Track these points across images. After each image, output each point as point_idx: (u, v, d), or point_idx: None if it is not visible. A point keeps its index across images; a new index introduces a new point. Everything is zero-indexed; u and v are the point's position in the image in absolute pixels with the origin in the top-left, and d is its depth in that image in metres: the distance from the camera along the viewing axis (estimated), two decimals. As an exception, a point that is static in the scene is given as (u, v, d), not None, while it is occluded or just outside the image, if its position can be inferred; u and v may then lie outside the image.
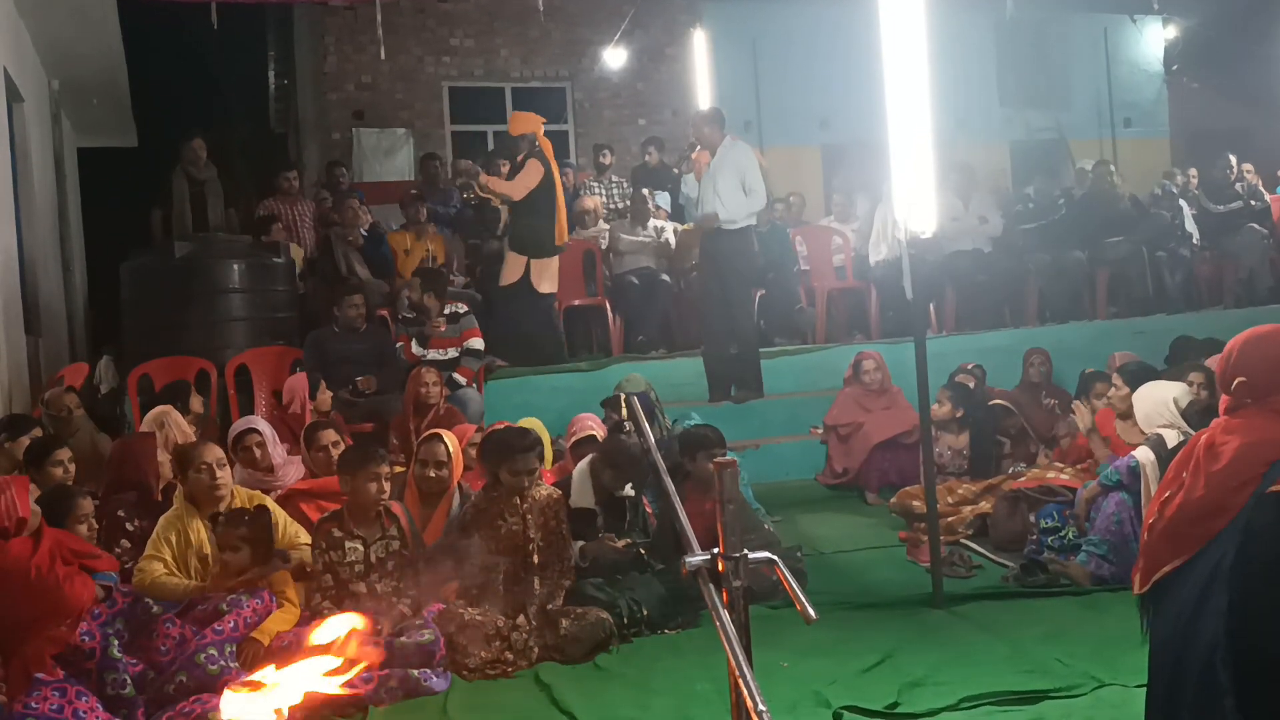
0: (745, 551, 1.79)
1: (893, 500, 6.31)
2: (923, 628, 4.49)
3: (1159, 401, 5.02)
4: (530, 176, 7.58)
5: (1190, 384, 5.31)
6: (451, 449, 5.04)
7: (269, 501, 4.76)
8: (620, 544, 4.83)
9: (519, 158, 7.77)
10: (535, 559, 4.53)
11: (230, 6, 8.35)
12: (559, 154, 12.37)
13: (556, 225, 7.72)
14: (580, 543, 4.81)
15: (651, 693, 3.97)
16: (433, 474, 4.97)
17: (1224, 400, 2.77)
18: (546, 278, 7.72)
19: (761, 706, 1.52)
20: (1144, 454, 4.94)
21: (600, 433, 5.76)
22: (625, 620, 4.51)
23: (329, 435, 5.38)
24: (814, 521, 6.42)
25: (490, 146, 12.04)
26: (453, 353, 7.10)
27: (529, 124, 7.83)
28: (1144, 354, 6.92)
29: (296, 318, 7.81)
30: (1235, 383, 2.70)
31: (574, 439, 5.72)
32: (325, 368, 6.72)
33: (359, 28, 11.74)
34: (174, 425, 5.66)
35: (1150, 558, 2.71)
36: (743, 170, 7.35)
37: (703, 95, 10.09)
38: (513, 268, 7.66)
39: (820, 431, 7.46)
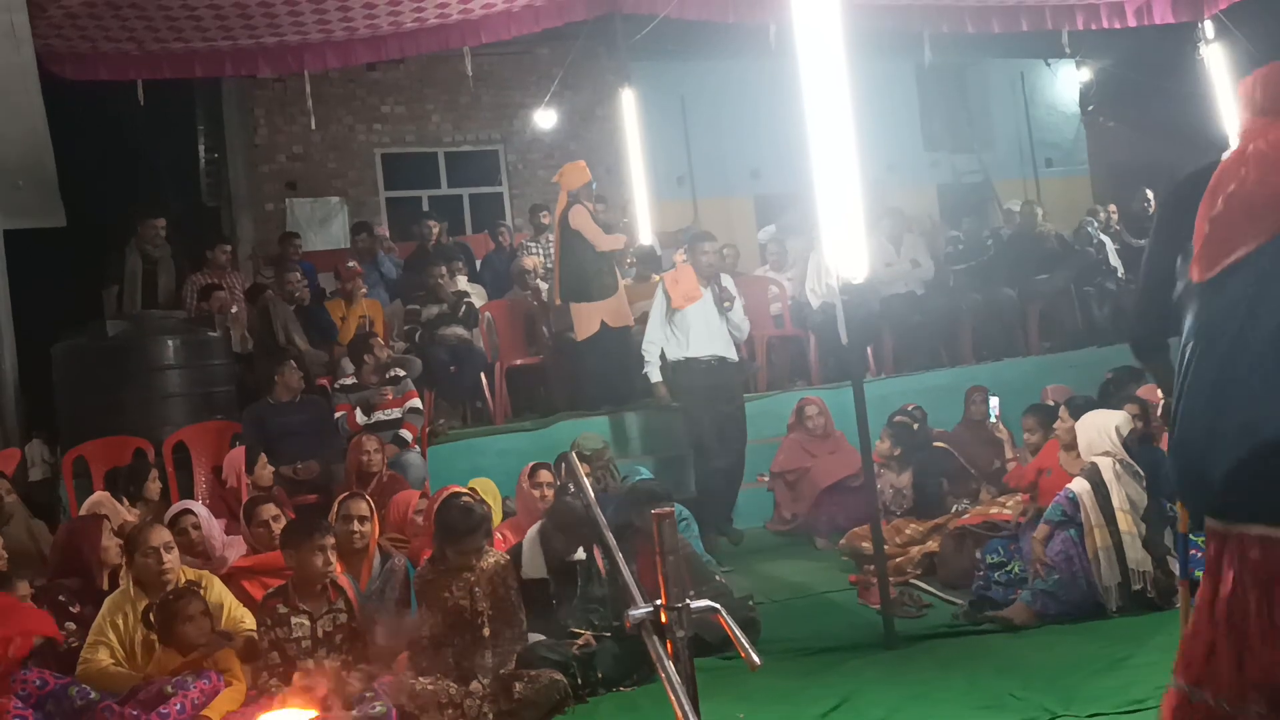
0: (687, 601, 1.79)
1: (842, 542, 6.35)
2: (878, 669, 4.50)
3: (1100, 429, 5.13)
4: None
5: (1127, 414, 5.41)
6: (371, 506, 5.09)
7: (215, 581, 4.68)
8: (578, 644, 4.65)
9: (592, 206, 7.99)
10: (486, 631, 4.46)
11: (157, 83, 8.33)
12: (496, 216, 12.48)
13: None
14: (538, 638, 4.69)
15: (609, 752, 3.94)
16: (355, 529, 4.96)
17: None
18: None
19: (710, 755, 1.51)
20: (1080, 485, 5.03)
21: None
22: (580, 680, 4.46)
23: (269, 510, 5.30)
24: (765, 569, 6.43)
25: (426, 209, 12.05)
26: (395, 413, 7.05)
27: (583, 174, 7.98)
28: (1078, 386, 7.05)
29: (235, 391, 7.71)
30: None
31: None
32: (265, 441, 6.63)
33: (289, 99, 11.73)
34: (110, 512, 5.54)
35: (1215, 246, 2.45)
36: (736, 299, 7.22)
37: (635, 153, 10.21)
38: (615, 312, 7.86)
39: (767, 479, 7.49)
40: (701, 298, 6.95)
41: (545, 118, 12.52)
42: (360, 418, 6.97)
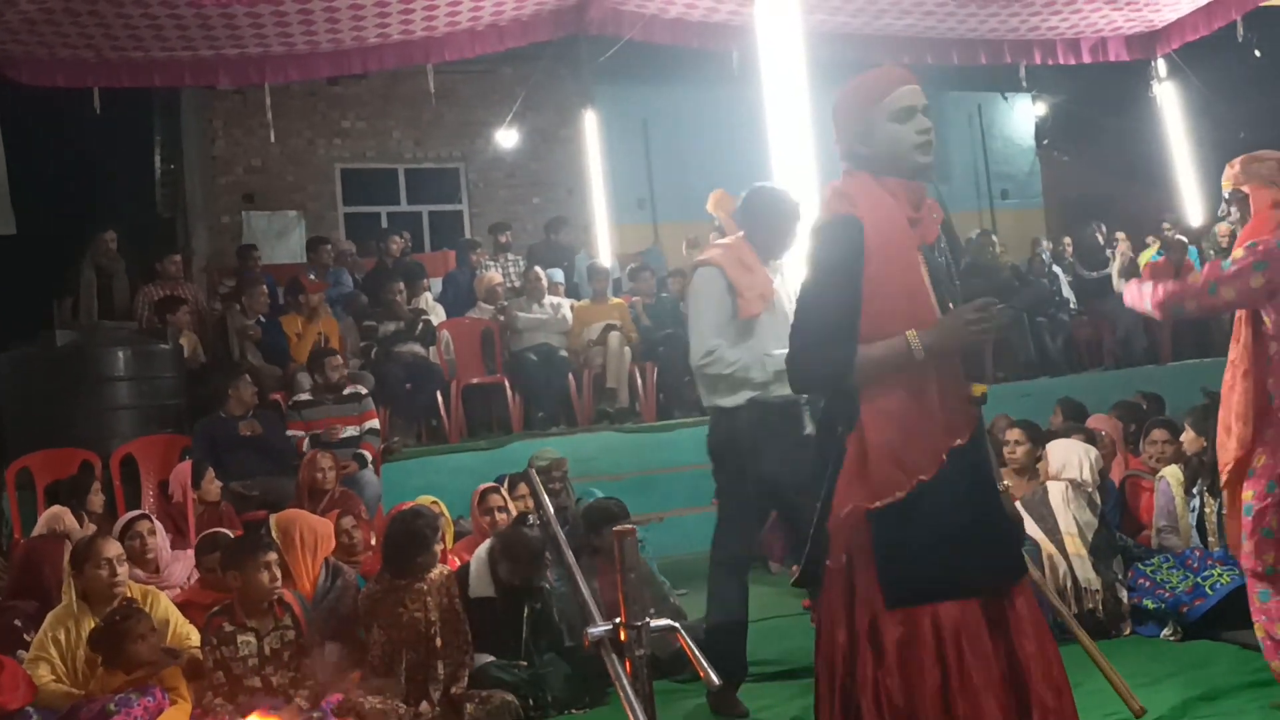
0: (647, 620, 1.78)
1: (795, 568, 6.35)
2: (830, 694, 4.49)
3: (1081, 453, 5.30)
4: None
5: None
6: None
7: (161, 596, 4.59)
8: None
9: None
10: (438, 641, 4.43)
11: (114, 92, 8.24)
12: (455, 234, 12.44)
13: None
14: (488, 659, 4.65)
15: (560, 775, 3.90)
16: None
17: None
18: None
19: (667, 776, 1.50)
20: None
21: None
22: (531, 702, 4.43)
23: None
24: (719, 593, 6.39)
25: (384, 225, 12.00)
26: (351, 431, 6.99)
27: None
28: (1031, 416, 7.12)
29: (186, 404, 7.60)
30: None
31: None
32: (216, 456, 6.54)
33: (248, 111, 11.66)
34: (70, 529, 5.41)
35: None
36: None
37: (596, 175, 10.24)
38: None
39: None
40: (775, 296, 4.23)
41: (507, 137, 12.54)
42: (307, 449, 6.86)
